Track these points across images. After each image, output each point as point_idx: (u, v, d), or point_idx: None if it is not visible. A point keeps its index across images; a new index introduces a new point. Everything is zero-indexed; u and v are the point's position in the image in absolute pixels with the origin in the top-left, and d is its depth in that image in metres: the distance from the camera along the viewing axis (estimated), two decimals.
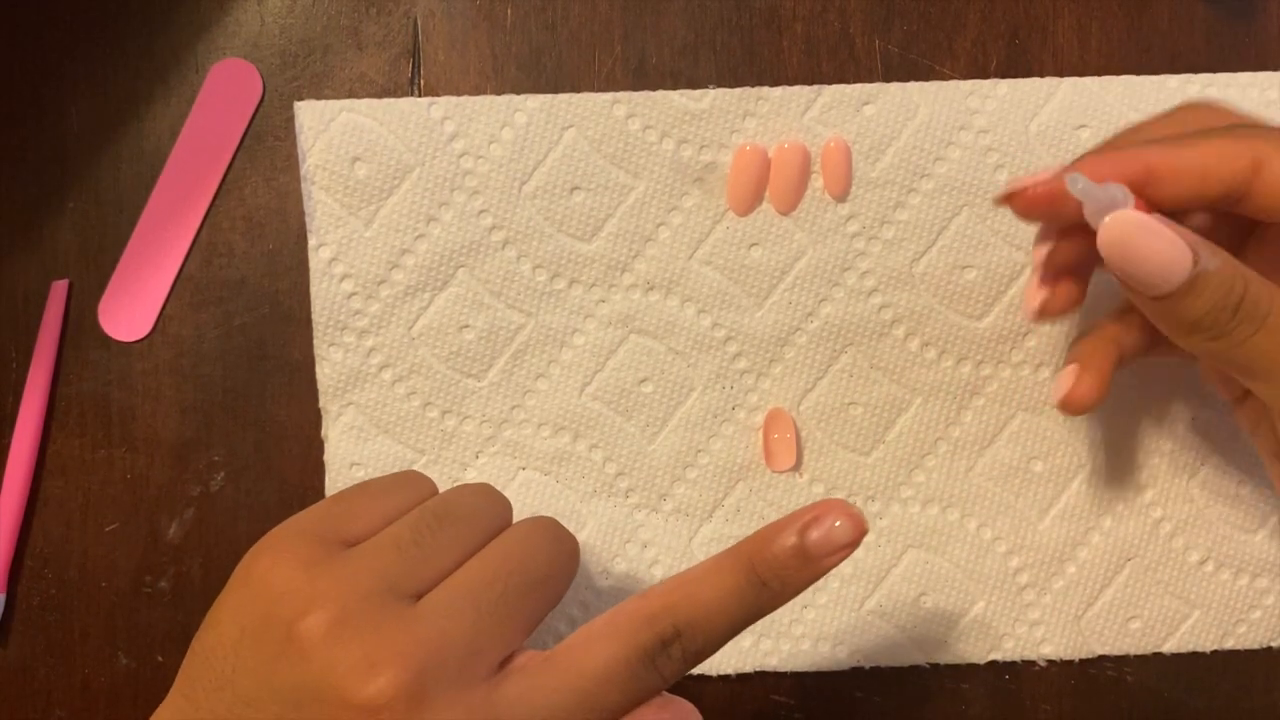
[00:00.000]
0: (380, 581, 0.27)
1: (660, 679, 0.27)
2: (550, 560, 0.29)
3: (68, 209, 0.38)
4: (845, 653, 0.38)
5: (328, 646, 0.26)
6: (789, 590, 0.28)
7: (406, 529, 0.28)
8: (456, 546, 0.28)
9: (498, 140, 0.37)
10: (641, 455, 0.38)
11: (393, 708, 0.25)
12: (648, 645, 0.26)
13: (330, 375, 0.37)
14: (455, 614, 0.27)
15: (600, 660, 0.26)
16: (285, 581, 0.27)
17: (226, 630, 0.27)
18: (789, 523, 0.27)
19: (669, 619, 0.27)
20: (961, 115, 0.37)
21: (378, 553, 0.28)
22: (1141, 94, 0.37)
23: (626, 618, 0.27)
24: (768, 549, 0.27)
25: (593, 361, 0.37)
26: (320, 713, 0.25)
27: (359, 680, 0.25)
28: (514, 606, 0.27)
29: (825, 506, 0.27)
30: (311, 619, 0.26)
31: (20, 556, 0.37)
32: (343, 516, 0.29)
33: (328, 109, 0.37)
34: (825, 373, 0.38)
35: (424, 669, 0.25)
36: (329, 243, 0.37)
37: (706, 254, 0.37)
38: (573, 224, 0.37)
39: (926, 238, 0.37)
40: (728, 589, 0.27)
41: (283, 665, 0.26)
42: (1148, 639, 0.38)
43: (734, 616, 0.27)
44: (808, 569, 0.27)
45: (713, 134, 0.37)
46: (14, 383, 0.37)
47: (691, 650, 0.27)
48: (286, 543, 0.28)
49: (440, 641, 0.26)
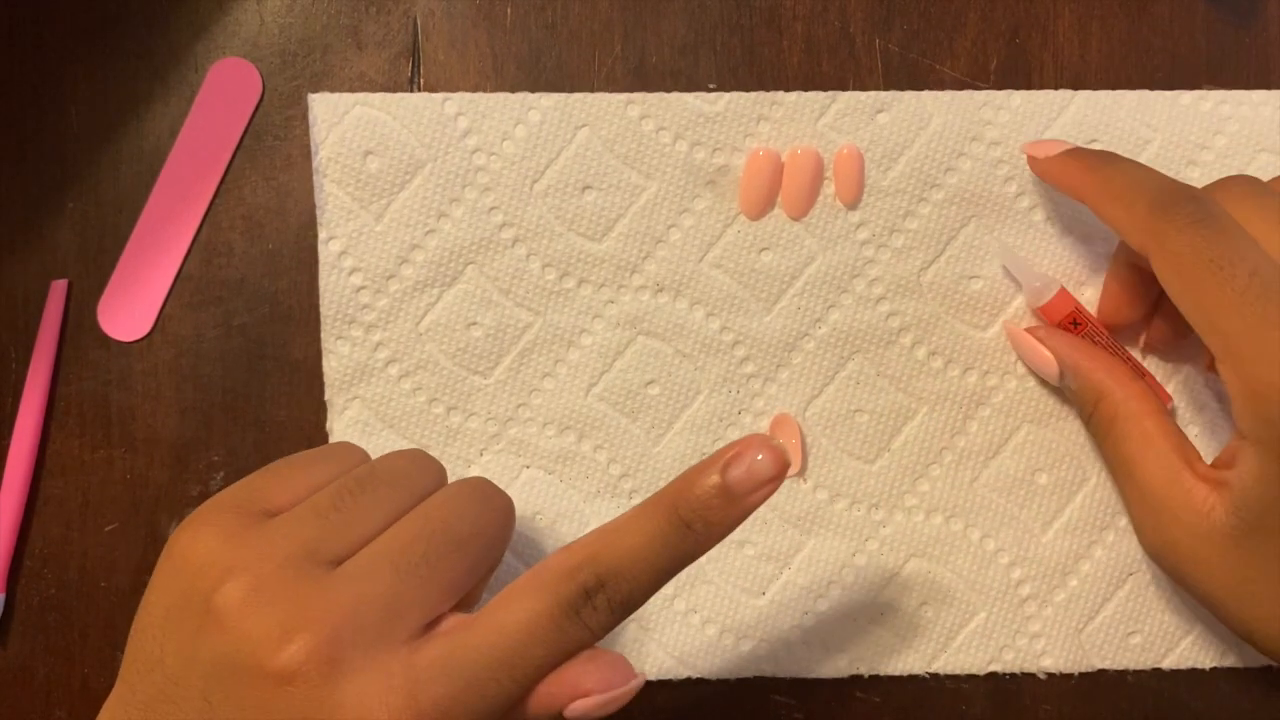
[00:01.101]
0: (299, 548, 0.27)
1: (587, 631, 0.26)
2: (475, 519, 0.28)
3: (68, 209, 0.37)
4: (845, 661, 0.38)
5: (243, 616, 0.25)
6: (714, 532, 0.27)
7: (327, 496, 0.28)
8: (379, 511, 0.28)
9: (511, 137, 0.37)
10: (646, 457, 0.37)
11: (306, 674, 0.25)
12: (570, 597, 0.26)
13: (336, 369, 0.37)
14: (373, 577, 0.26)
15: (522, 615, 0.26)
16: (205, 554, 0.27)
17: (154, 610, 0.27)
18: (710, 462, 0.27)
19: (591, 569, 0.26)
20: (974, 126, 0.37)
21: (297, 520, 0.27)
22: (1154, 109, 0.37)
23: (549, 572, 0.27)
24: (689, 490, 0.27)
25: (600, 362, 0.37)
26: (239, 683, 0.25)
27: (273, 648, 0.25)
28: (435, 568, 0.27)
29: (746, 442, 0.27)
30: (227, 589, 0.26)
31: (20, 556, 0.37)
32: (266, 488, 0.29)
33: (341, 102, 0.37)
34: (832, 379, 0.38)
35: (339, 633, 0.25)
36: (339, 236, 0.37)
37: (717, 257, 0.37)
38: (583, 223, 0.37)
39: (935, 247, 0.38)
40: (650, 534, 0.27)
41: (203, 639, 0.26)
42: (1148, 654, 0.38)
43: (658, 562, 0.27)
44: (732, 508, 0.27)
45: (726, 137, 0.37)
46: (14, 383, 0.37)
47: (617, 599, 0.26)
48: (207, 516, 0.28)
49: (356, 605, 0.26)
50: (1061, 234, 0.37)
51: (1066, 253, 0.38)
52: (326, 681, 0.25)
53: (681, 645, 0.37)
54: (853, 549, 0.38)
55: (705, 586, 0.37)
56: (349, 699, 0.25)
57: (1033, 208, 0.37)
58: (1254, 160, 0.37)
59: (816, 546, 0.38)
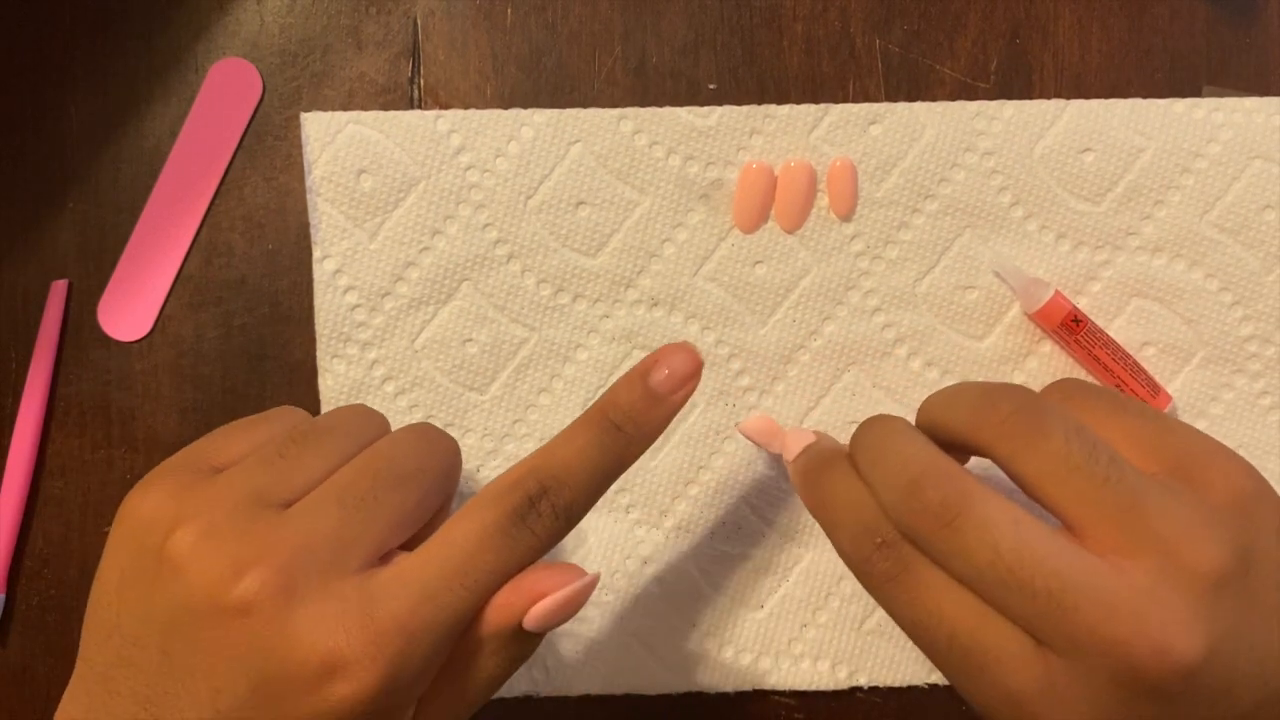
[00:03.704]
0: (247, 494, 0.27)
1: (534, 538, 0.27)
2: (419, 456, 0.29)
3: (68, 209, 0.37)
4: (845, 672, 0.38)
5: (196, 557, 0.26)
6: (645, 433, 0.29)
7: (274, 445, 0.29)
8: (325, 458, 0.29)
9: (504, 154, 0.37)
10: (643, 471, 0.37)
11: (261, 605, 0.25)
12: (516, 505, 0.27)
13: (333, 387, 0.37)
14: (320, 512, 0.27)
15: (470, 528, 0.27)
16: (154, 509, 0.27)
17: (108, 578, 0.28)
18: (633, 372, 0.29)
19: (534, 477, 0.28)
20: (967, 137, 0.37)
21: (244, 470, 0.28)
22: (1148, 117, 0.37)
23: (494, 487, 0.28)
24: (617, 398, 0.29)
25: (595, 377, 0.37)
26: (197, 626, 0.26)
27: (228, 584, 0.25)
28: (381, 502, 0.27)
29: (664, 350, 0.29)
30: (178, 535, 0.26)
31: (20, 556, 0.37)
32: (211, 448, 0.29)
33: (334, 121, 0.37)
34: (828, 391, 0.38)
35: (290, 564, 0.26)
36: (333, 255, 0.37)
37: (711, 271, 0.37)
38: (578, 239, 0.37)
39: (929, 258, 0.38)
40: (587, 441, 0.28)
41: (158, 590, 0.26)
42: None
43: (596, 466, 0.28)
44: (658, 408, 0.29)
45: (719, 151, 0.37)
46: (14, 383, 0.37)
47: (561, 504, 0.28)
48: (153, 479, 0.28)
49: (307, 539, 0.26)
50: (1055, 243, 0.37)
51: (1061, 262, 0.38)
52: (282, 610, 0.25)
53: (680, 660, 0.37)
54: None
55: (703, 601, 0.37)
56: (304, 624, 0.25)
57: (1027, 217, 0.37)
58: (1248, 167, 0.37)
59: (815, 559, 0.38)
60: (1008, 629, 0.25)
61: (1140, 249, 0.38)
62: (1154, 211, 0.37)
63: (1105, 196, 0.37)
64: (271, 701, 0.25)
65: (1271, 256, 0.37)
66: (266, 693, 0.25)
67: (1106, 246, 0.37)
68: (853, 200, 0.37)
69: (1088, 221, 0.37)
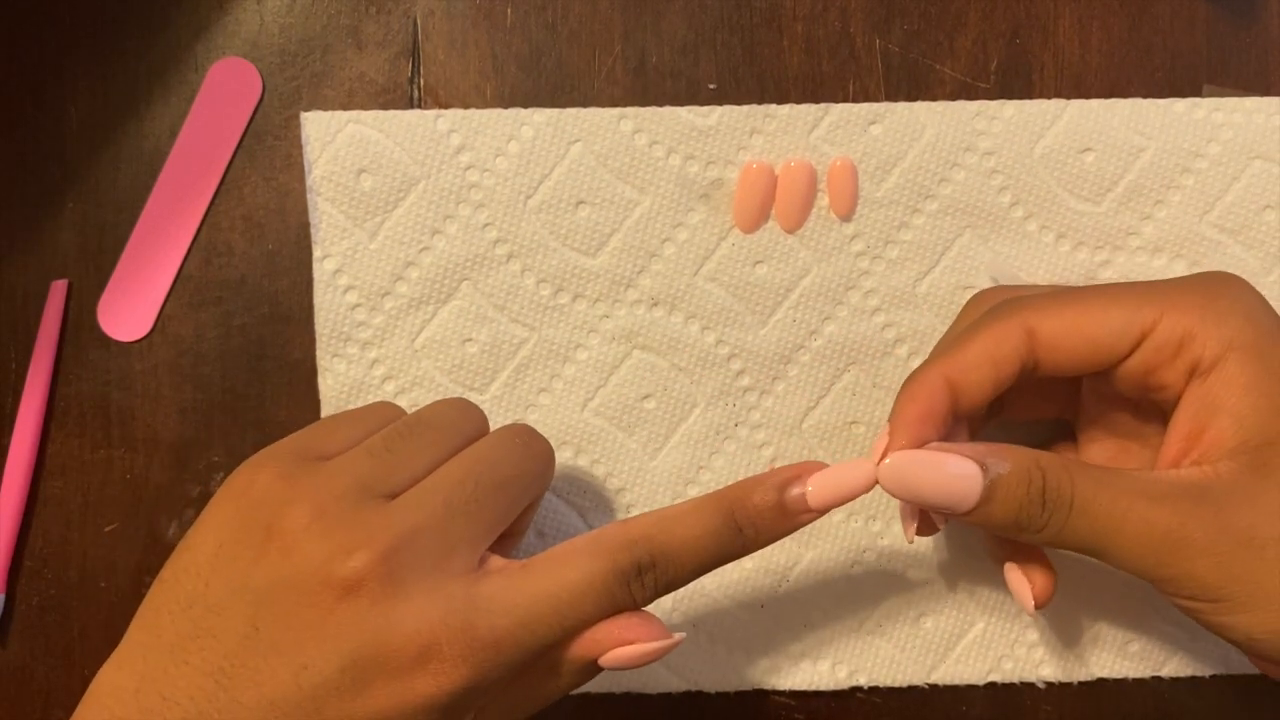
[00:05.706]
0: (355, 482, 0.28)
1: (631, 600, 0.28)
2: (518, 462, 0.30)
3: (68, 209, 0.37)
4: (845, 672, 0.38)
5: (309, 538, 0.27)
6: (762, 539, 0.30)
7: (380, 438, 0.30)
8: (428, 452, 0.29)
9: (504, 154, 0.37)
10: (643, 471, 0.37)
11: (369, 586, 0.26)
12: (625, 567, 0.28)
13: (333, 386, 0.37)
14: (426, 508, 0.28)
15: (581, 572, 0.28)
16: (265, 488, 0.28)
17: (202, 547, 0.28)
18: (770, 477, 0.29)
19: (647, 547, 0.28)
20: (967, 136, 0.37)
21: (352, 460, 0.29)
22: (1148, 117, 0.37)
23: (609, 539, 0.28)
24: (749, 499, 0.29)
25: (595, 377, 0.37)
26: (296, 603, 0.26)
27: (338, 562, 0.26)
28: (482, 505, 0.29)
29: (805, 467, 0.30)
30: (291, 514, 0.27)
31: (20, 556, 0.37)
32: (319, 437, 0.30)
33: (334, 120, 0.37)
34: (828, 391, 0.38)
35: (397, 553, 0.27)
36: (333, 254, 0.37)
37: (711, 270, 0.37)
38: (578, 238, 0.37)
39: (930, 258, 0.38)
40: (706, 530, 0.29)
41: (262, 563, 0.27)
42: (1146, 662, 0.38)
43: (707, 556, 0.29)
44: (783, 522, 0.30)
45: (719, 150, 0.37)
46: (14, 383, 0.37)
47: (664, 580, 0.29)
48: (263, 460, 0.29)
49: (414, 532, 0.27)
50: (1055, 243, 0.37)
51: (1061, 262, 0.38)
52: (388, 596, 0.26)
53: (681, 659, 0.37)
54: (851, 560, 0.38)
55: (704, 600, 0.37)
56: (409, 614, 0.26)
57: (1027, 217, 0.37)
58: (1248, 167, 0.37)
59: (814, 559, 0.38)
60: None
61: (1140, 249, 0.38)
62: (1154, 211, 0.37)
63: (1105, 196, 0.37)
64: (357, 683, 0.26)
65: (1271, 256, 0.37)
66: (354, 674, 0.26)
67: (1106, 246, 0.37)
68: (853, 200, 0.37)
69: (1088, 221, 0.37)
